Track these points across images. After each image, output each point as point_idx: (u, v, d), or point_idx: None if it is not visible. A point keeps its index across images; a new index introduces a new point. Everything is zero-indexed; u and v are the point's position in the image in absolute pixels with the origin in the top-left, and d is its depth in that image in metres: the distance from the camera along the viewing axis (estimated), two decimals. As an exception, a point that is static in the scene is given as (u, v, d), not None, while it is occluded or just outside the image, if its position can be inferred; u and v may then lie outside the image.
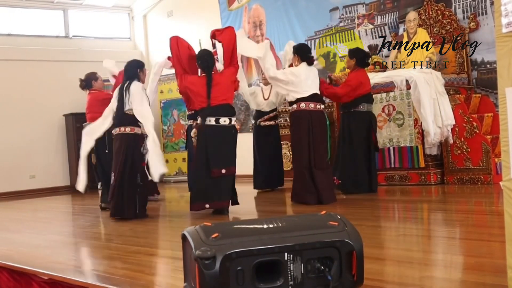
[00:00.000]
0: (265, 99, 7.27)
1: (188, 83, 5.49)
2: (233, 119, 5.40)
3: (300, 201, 5.61)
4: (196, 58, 5.58)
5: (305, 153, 5.56)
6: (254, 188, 7.42)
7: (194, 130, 6.56)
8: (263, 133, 7.28)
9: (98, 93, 6.82)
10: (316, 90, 5.71)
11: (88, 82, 6.82)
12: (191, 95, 5.53)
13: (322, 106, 5.76)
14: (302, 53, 5.80)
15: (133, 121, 5.54)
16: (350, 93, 6.10)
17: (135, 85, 5.56)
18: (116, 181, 5.49)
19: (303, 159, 5.56)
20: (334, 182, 6.05)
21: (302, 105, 5.62)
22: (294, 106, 5.70)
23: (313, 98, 5.66)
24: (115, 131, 5.64)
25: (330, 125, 5.95)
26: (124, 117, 5.56)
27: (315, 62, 5.91)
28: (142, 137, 5.59)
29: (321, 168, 5.57)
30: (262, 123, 7.31)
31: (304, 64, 5.73)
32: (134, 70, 5.70)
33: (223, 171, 5.25)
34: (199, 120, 5.46)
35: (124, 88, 5.57)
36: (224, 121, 5.32)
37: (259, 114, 7.36)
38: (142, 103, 5.52)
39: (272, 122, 7.31)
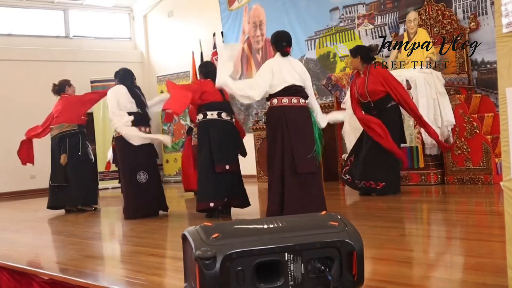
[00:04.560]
0: None
1: (204, 88, 5.39)
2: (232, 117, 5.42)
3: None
4: (199, 68, 5.82)
5: (277, 157, 4.73)
6: None
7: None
8: None
9: (71, 97, 7.05)
10: (292, 82, 4.79)
11: (61, 87, 7.06)
12: (207, 95, 5.36)
13: (303, 101, 4.83)
14: (275, 43, 4.94)
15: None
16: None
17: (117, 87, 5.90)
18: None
19: (275, 165, 4.78)
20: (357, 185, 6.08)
21: (274, 101, 4.79)
22: (268, 103, 4.92)
23: (286, 91, 4.78)
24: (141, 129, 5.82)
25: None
26: (147, 117, 5.90)
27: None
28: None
29: (299, 173, 4.68)
30: None
31: (277, 55, 4.90)
32: (127, 76, 5.97)
33: (227, 167, 5.16)
34: (200, 116, 5.37)
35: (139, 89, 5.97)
36: (226, 115, 5.32)
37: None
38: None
39: None
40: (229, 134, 5.29)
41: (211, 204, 5.10)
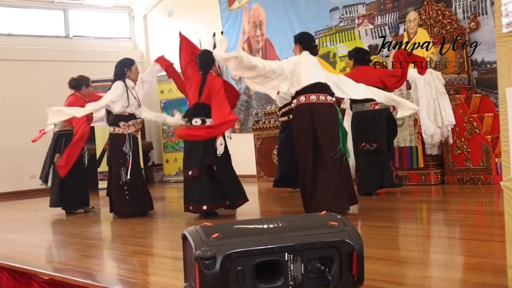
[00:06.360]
0: (277, 94, 6.86)
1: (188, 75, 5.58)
2: (209, 120, 5.19)
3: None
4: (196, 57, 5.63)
5: (309, 153, 4.82)
6: (273, 186, 7.11)
7: None
8: (281, 129, 7.09)
9: (81, 99, 6.66)
10: (318, 80, 4.86)
11: (78, 84, 6.77)
12: (187, 84, 5.54)
13: (330, 98, 4.85)
14: (305, 42, 5.09)
15: (115, 121, 5.75)
16: None
17: (114, 84, 5.81)
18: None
19: (308, 161, 4.83)
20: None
21: (302, 98, 4.86)
22: (295, 101, 4.97)
23: (313, 88, 4.85)
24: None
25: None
26: (111, 117, 5.82)
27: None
28: (124, 136, 5.73)
29: (329, 167, 4.75)
30: (281, 119, 7.12)
31: (306, 53, 5.03)
32: (121, 70, 5.85)
33: (190, 172, 5.24)
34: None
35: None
36: (195, 121, 5.27)
37: (279, 109, 7.19)
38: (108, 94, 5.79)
39: (285, 118, 6.88)
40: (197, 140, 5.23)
41: (190, 208, 5.25)
